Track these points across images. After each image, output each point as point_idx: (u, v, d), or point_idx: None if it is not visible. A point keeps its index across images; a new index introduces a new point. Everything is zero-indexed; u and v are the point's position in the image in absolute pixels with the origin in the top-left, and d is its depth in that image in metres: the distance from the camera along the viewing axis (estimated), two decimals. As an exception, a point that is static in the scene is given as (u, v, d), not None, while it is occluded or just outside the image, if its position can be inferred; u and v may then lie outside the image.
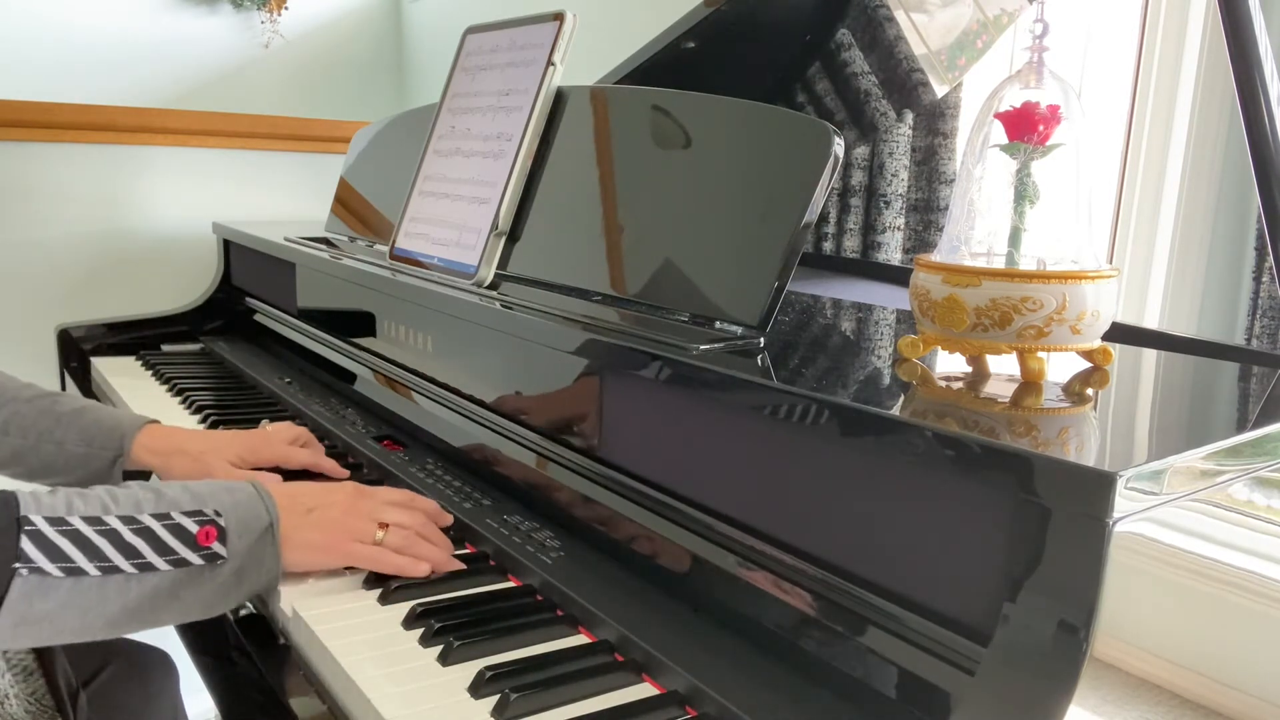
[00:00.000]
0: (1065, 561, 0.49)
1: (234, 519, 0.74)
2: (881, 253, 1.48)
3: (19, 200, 1.77)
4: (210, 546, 0.72)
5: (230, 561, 0.73)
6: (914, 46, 1.39)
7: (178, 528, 0.71)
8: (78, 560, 0.67)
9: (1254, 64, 0.88)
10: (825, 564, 0.63)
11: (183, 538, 0.71)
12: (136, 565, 0.69)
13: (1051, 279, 0.62)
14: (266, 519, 0.76)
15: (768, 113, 0.85)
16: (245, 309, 1.72)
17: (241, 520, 0.74)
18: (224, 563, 0.72)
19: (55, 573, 0.66)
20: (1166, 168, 1.28)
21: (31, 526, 0.67)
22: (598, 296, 0.92)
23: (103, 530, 0.69)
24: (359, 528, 0.79)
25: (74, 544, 0.68)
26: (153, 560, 0.70)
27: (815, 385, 0.65)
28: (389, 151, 1.43)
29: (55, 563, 0.67)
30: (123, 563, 0.69)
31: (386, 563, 0.78)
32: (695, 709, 0.61)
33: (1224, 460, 0.55)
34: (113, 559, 0.68)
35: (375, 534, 0.79)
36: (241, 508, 0.75)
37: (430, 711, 0.61)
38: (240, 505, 0.75)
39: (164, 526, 0.71)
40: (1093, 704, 0.48)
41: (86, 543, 0.68)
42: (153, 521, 0.71)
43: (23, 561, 0.66)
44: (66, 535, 0.68)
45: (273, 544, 0.75)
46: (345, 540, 0.79)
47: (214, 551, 0.72)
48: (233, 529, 0.74)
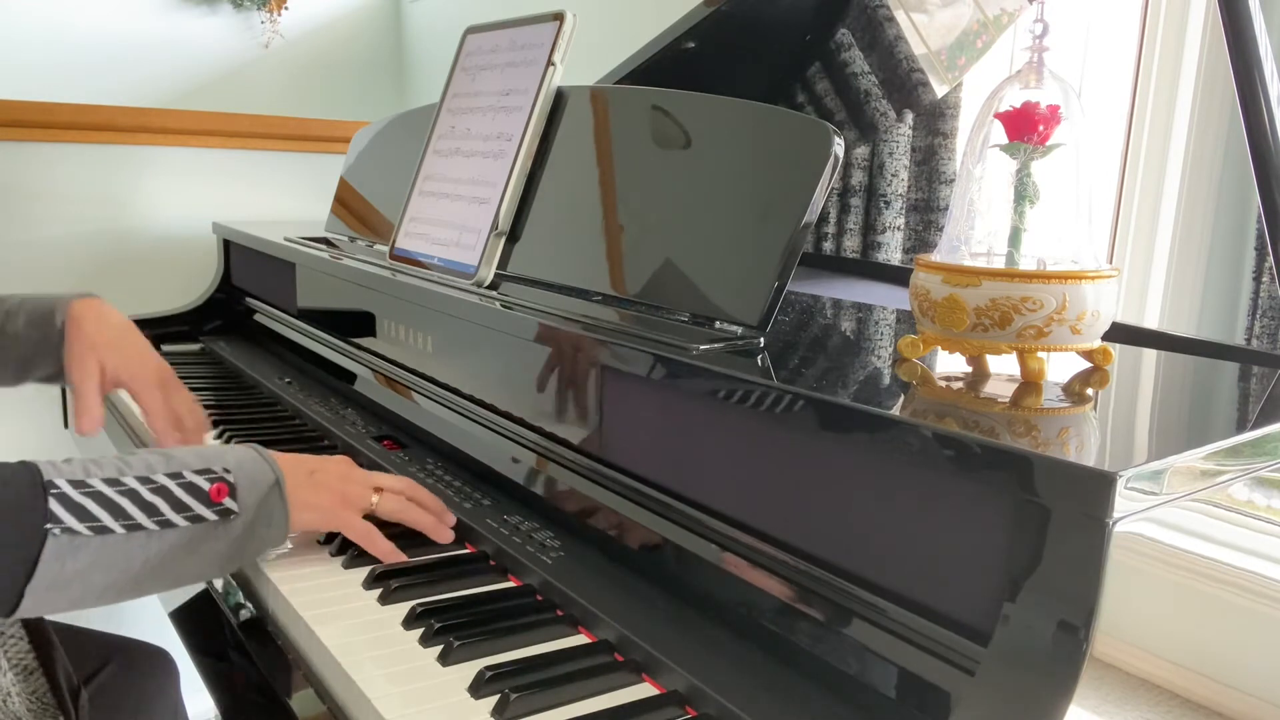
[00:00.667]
0: (1065, 561, 0.49)
1: (243, 475, 0.77)
2: (881, 253, 1.48)
3: (19, 200, 1.77)
4: (223, 502, 0.75)
5: (243, 515, 0.76)
6: (914, 46, 1.39)
7: (191, 485, 0.74)
8: (104, 519, 0.70)
9: (1254, 64, 0.88)
10: (826, 564, 0.63)
11: (197, 495, 0.74)
12: (157, 522, 0.72)
13: (1051, 279, 0.62)
14: (273, 476, 0.79)
15: (768, 113, 0.85)
16: (245, 309, 1.72)
17: (249, 477, 0.77)
18: (236, 517, 0.75)
19: (84, 531, 0.69)
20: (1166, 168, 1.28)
21: (57, 490, 0.69)
22: (598, 296, 0.92)
23: (123, 490, 0.71)
24: (355, 494, 0.83)
25: (98, 504, 0.70)
26: (171, 517, 0.72)
27: (815, 385, 0.65)
28: (389, 151, 1.43)
29: (84, 522, 0.69)
30: (145, 520, 0.71)
31: (374, 544, 0.82)
32: (695, 709, 0.61)
33: (1224, 460, 0.55)
34: (135, 517, 0.71)
35: (371, 499, 0.83)
36: (248, 464, 0.78)
37: (430, 711, 0.61)
38: (246, 462, 0.78)
39: (179, 485, 0.74)
40: (1093, 704, 0.48)
41: (110, 502, 0.71)
42: (168, 480, 0.73)
43: (54, 522, 0.68)
44: (90, 496, 0.70)
45: (280, 500, 0.78)
46: (342, 506, 0.82)
47: (227, 507, 0.75)
48: (243, 485, 0.76)
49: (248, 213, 1.97)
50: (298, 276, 1.47)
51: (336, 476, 0.84)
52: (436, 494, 0.93)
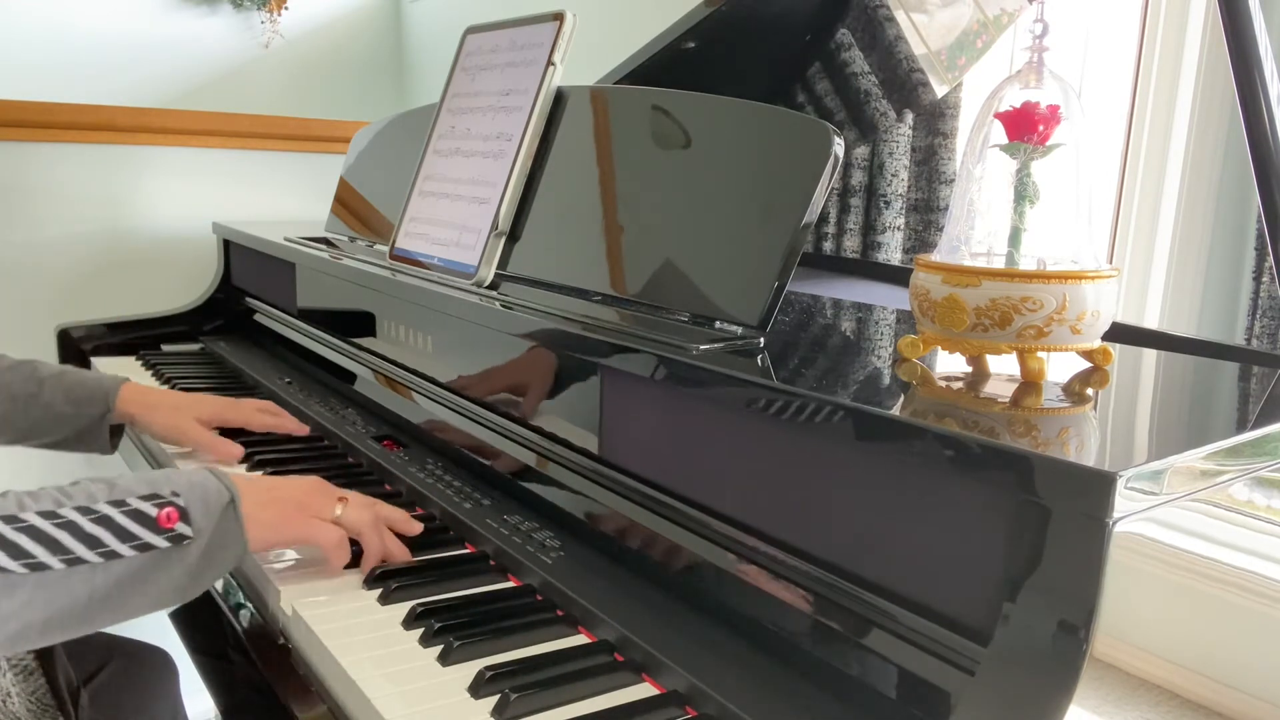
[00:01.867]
0: (1065, 561, 0.49)
1: (194, 498, 0.74)
2: (881, 253, 1.48)
3: (19, 200, 1.77)
4: (174, 528, 0.71)
5: (197, 540, 0.72)
6: (914, 46, 1.39)
7: (137, 513, 0.71)
8: (39, 555, 0.66)
9: (1254, 64, 0.88)
10: (825, 564, 0.63)
11: (144, 522, 0.71)
12: (101, 554, 0.68)
13: (1051, 279, 0.62)
14: (227, 495, 0.76)
15: (768, 113, 0.85)
16: (245, 309, 1.72)
17: (203, 499, 0.74)
18: (190, 542, 0.72)
19: (18, 569, 0.65)
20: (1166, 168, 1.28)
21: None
22: (598, 296, 0.92)
23: (60, 523, 0.68)
24: (319, 504, 0.80)
25: (33, 539, 0.67)
26: (116, 548, 0.69)
27: (815, 385, 0.65)
28: (389, 151, 1.43)
29: (17, 560, 0.66)
30: (86, 553, 0.68)
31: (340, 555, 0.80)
32: (695, 709, 0.61)
33: (1224, 460, 0.55)
34: (74, 550, 0.68)
35: (334, 509, 0.80)
36: (200, 488, 0.75)
37: (430, 711, 0.61)
38: (198, 485, 0.75)
39: (123, 513, 0.70)
40: (1093, 704, 0.48)
41: (45, 537, 0.67)
42: (110, 509, 0.70)
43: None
44: (24, 531, 0.67)
45: (236, 520, 0.75)
46: (301, 515, 0.79)
47: (179, 532, 0.72)
48: (195, 508, 0.73)
49: (248, 213, 1.97)
50: (298, 276, 1.47)
51: (298, 490, 0.81)
52: (436, 494, 0.93)
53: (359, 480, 1.02)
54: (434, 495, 0.92)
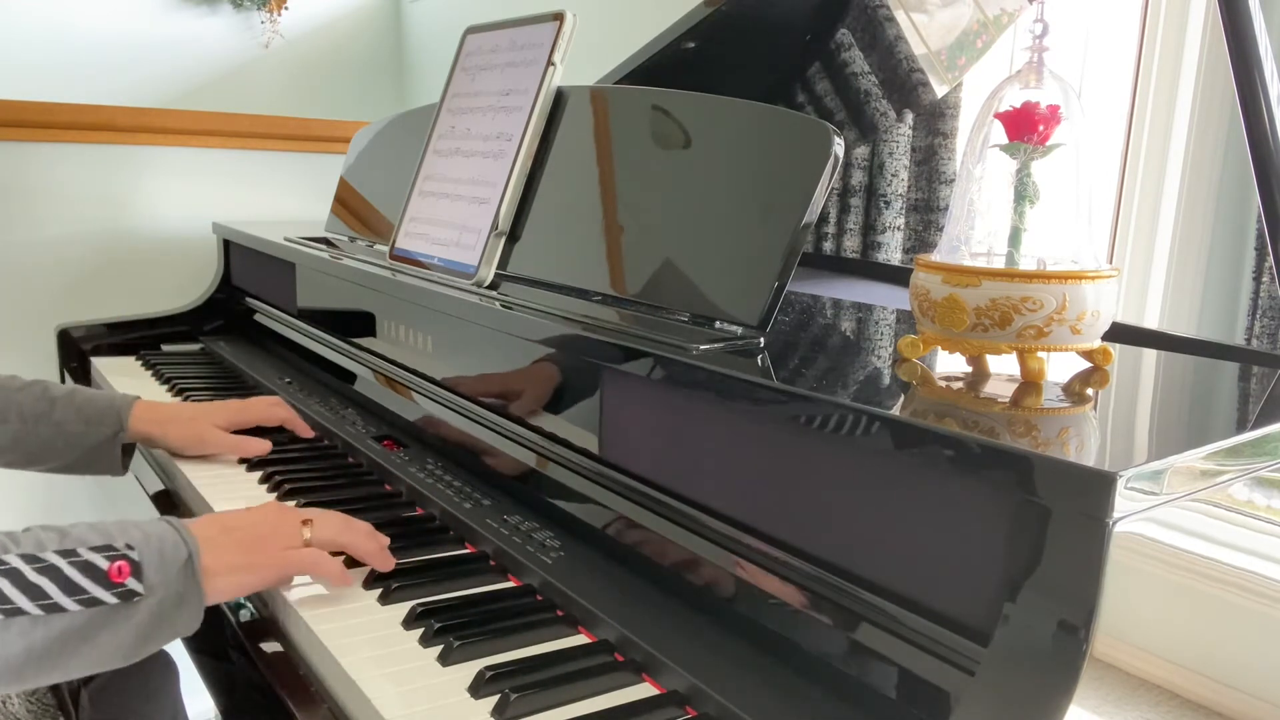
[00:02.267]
0: (1065, 561, 0.49)
1: (150, 551, 0.69)
2: (881, 253, 1.48)
3: (19, 200, 1.77)
4: (124, 583, 0.67)
5: (148, 598, 0.68)
6: (914, 46, 1.39)
7: (87, 565, 0.66)
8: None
9: (1254, 64, 0.88)
10: (825, 564, 0.63)
11: (93, 575, 0.66)
12: (42, 606, 0.64)
13: (1051, 279, 0.62)
14: (185, 551, 0.71)
15: (767, 113, 0.85)
16: (245, 309, 1.72)
17: (159, 553, 0.69)
18: (140, 600, 0.67)
19: None
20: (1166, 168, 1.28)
21: None
22: (598, 296, 0.92)
23: (3, 570, 0.64)
24: (285, 533, 0.77)
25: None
26: (60, 600, 0.64)
27: (815, 385, 0.65)
28: (389, 152, 1.43)
29: None
30: (26, 604, 0.63)
31: (321, 568, 0.77)
32: (695, 709, 0.61)
33: (1224, 460, 0.55)
34: (14, 599, 0.63)
35: (303, 533, 0.77)
36: (156, 540, 0.70)
37: (430, 711, 0.61)
38: (154, 538, 0.70)
39: (71, 564, 0.66)
40: (1093, 704, 0.48)
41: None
42: (58, 559, 0.66)
43: None
44: None
45: (193, 579, 0.70)
46: (270, 551, 0.75)
47: (129, 588, 0.67)
48: (149, 562, 0.68)
49: (248, 213, 1.97)
50: (298, 276, 1.47)
51: (261, 525, 0.77)
52: (436, 494, 0.93)
53: (359, 480, 1.02)
54: (434, 495, 0.92)
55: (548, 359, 0.89)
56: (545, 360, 0.90)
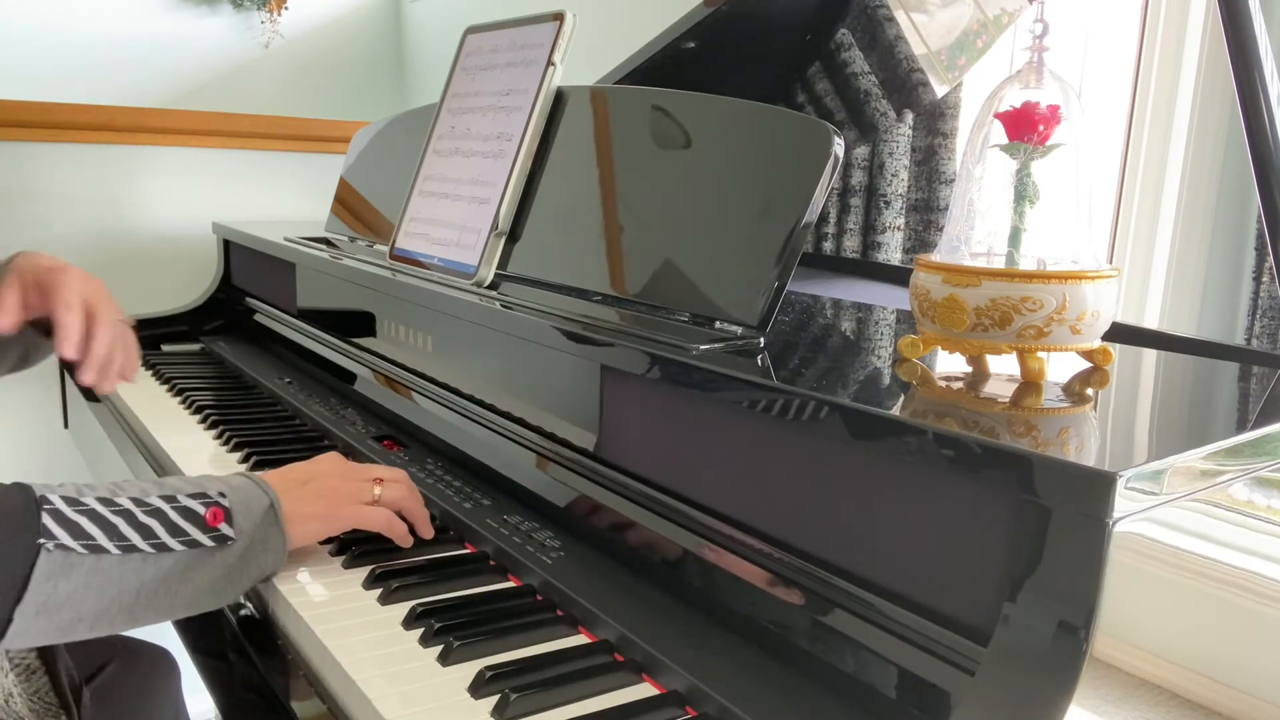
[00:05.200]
0: (1065, 561, 0.49)
1: (237, 501, 0.75)
2: (881, 253, 1.48)
3: (19, 200, 1.77)
4: (219, 528, 0.73)
5: (239, 541, 0.74)
6: (914, 46, 1.39)
7: (186, 510, 0.72)
8: (98, 538, 0.68)
9: (1254, 64, 0.88)
10: (825, 564, 0.63)
11: (192, 519, 0.72)
12: (153, 545, 0.70)
13: (1051, 279, 0.62)
14: (267, 500, 0.77)
15: (767, 113, 0.85)
16: (245, 309, 1.72)
17: (244, 502, 0.75)
18: (232, 543, 0.73)
19: (78, 549, 0.67)
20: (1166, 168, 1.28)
21: (50, 505, 0.67)
22: (598, 296, 0.92)
23: (117, 510, 0.70)
24: (357, 488, 0.82)
25: (93, 522, 0.68)
26: (167, 540, 0.70)
27: (815, 385, 0.65)
28: (389, 151, 1.43)
29: (78, 540, 0.67)
30: (140, 541, 0.69)
31: (396, 530, 0.82)
32: (695, 709, 0.61)
33: (1224, 460, 0.55)
34: (130, 538, 0.69)
35: (374, 490, 0.82)
36: (240, 491, 0.76)
37: (430, 711, 0.61)
38: (238, 489, 0.76)
39: (174, 509, 0.72)
40: (1093, 704, 0.48)
41: (104, 521, 0.69)
42: (162, 503, 0.72)
43: (46, 537, 0.66)
44: (84, 514, 0.68)
45: (276, 524, 0.77)
46: (347, 504, 0.81)
47: (222, 533, 0.73)
48: (237, 510, 0.74)
49: (248, 213, 1.97)
50: (298, 276, 1.47)
51: (332, 477, 0.82)
52: (436, 494, 0.93)
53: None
54: (434, 495, 0.92)
55: (547, 359, 0.90)
56: (545, 360, 0.90)
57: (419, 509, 0.85)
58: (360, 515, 0.81)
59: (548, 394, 0.90)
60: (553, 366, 0.89)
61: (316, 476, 0.82)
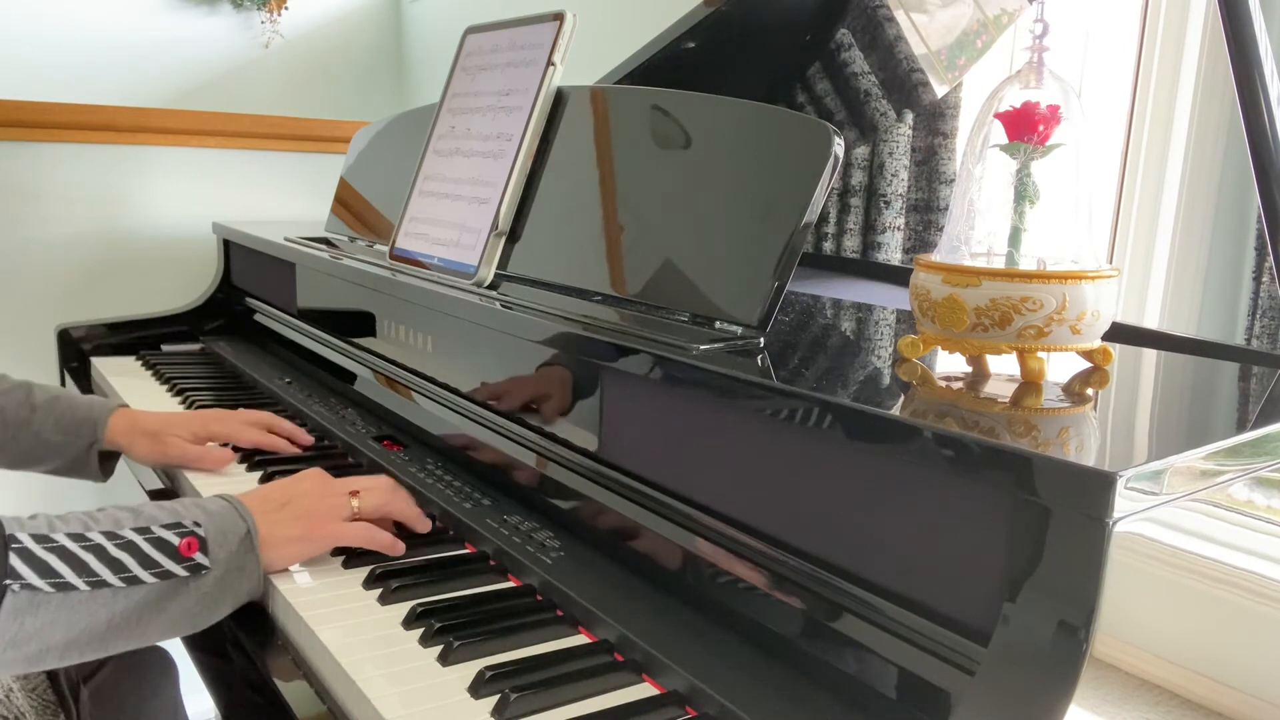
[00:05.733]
0: (1065, 561, 0.49)
1: (212, 529, 0.75)
2: (881, 253, 1.48)
3: (19, 200, 1.77)
4: (193, 557, 0.73)
5: (213, 570, 0.74)
6: (914, 46, 1.39)
7: (160, 541, 0.72)
8: (66, 576, 0.68)
9: (1254, 64, 0.88)
10: (825, 564, 0.63)
11: (165, 550, 0.72)
12: (123, 579, 0.70)
13: (1051, 279, 0.62)
14: (244, 526, 0.77)
15: (767, 113, 0.85)
16: (245, 309, 1.72)
17: (220, 530, 0.76)
18: (207, 572, 0.74)
19: (45, 588, 0.67)
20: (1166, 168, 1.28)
21: (19, 544, 0.67)
22: (598, 297, 0.92)
23: (88, 546, 0.70)
24: (334, 505, 0.83)
25: (61, 560, 0.68)
26: (138, 573, 0.71)
27: (815, 385, 0.65)
28: (389, 152, 1.43)
29: (45, 579, 0.67)
30: (110, 577, 0.69)
31: (377, 541, 0.82)
32: (695, 709, 0.61)
33: (1224, 460, 0.55)
34: (100, 573, 0.69)
35: (351, 504, 0.83)
36: (218, 518, 0.76)
37: (430, 711, 0.61)
38: (216, 516, 0.76)
39: (146, 540, 0.72)
40: (1093, 704, 0.48)
41: (73, 558, 0.69)
42: (135, 535, 0.72)
43: (13, 578, 0.66)
44: (54, 551, 0.68)
45: (252, 550, 0.77)
46: (325, 524, 0.81)
47: (197, 562, 0.73)
48: (213, 538, 0.75)
49: (248, 213, 1.97)
50: (298, 276, 1.47)
51: (313, 495, 0.83)
52: (436, 494, 0.93)
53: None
54: (434, 495, 0.92)
55: (548, 359, 0.90)
56: (545, 360, 0.90)
57: (407, 508, 0.86)
58: (337, 534, 0.81)
59: (548, 394, 0.90)
60: (553, 366, 0.89)
61: (295, 497, 0.82)
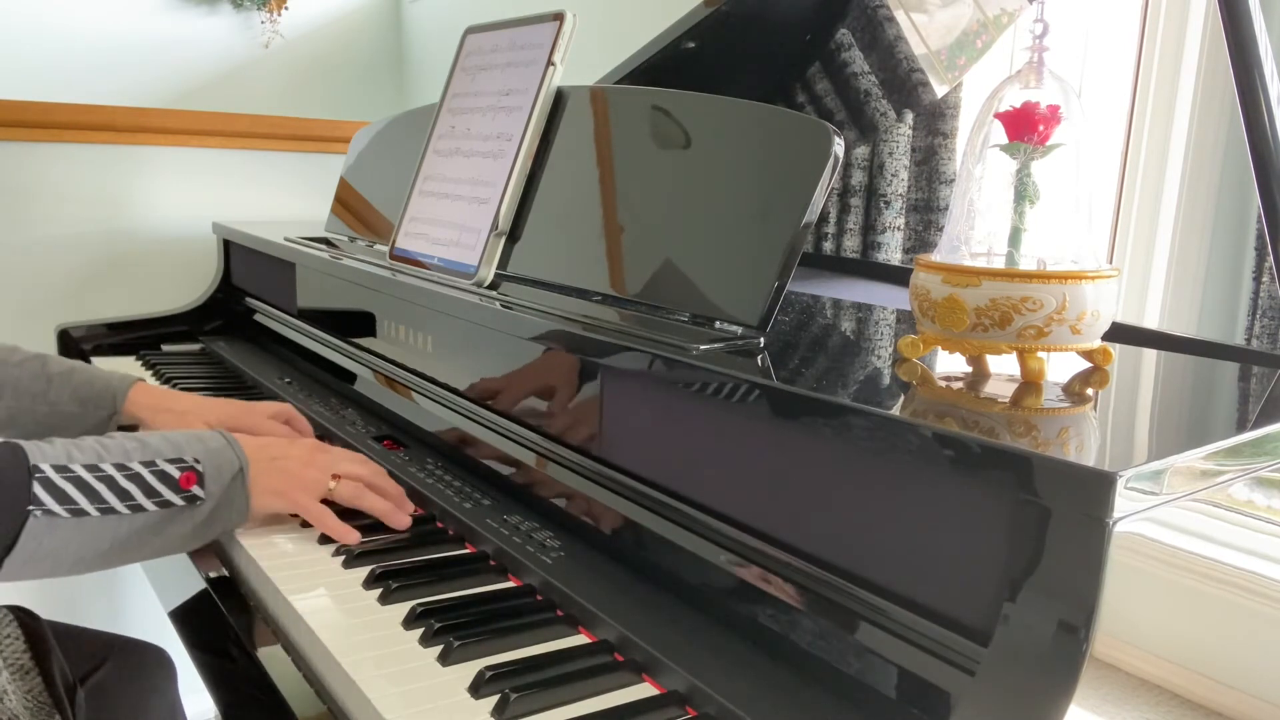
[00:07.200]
0: (1065, 561, 0.49)
1: (210, 465, 0.82)
2: (881, 253, 1.48)
3: (19, 200, 1.77)
4: (190, 490, 0.81)
5: (207, 502, 0.82)
6: (914, 46, 1.39)
7: (163, 474, 0.80)
8: (81, 503, 0.76)
9: (1254, 64, 0.88)
10: (825, 564, 0.63)
11: (167, 482, 0.80)
12: (129, 507, 0.78)
13: (1051, 279, 0.62)
14: (237, 464, 0.84)
15: (768, 113, 0.85)
16: (245, 309, 1.72)
17: (216, 466, 0.83)
18: (202, 503, 0.81)
19: (63, 514, 0.75)
20: (1166, 168, 1.28)
21: (41, 474, 0.75)
22: (598, 296, 0.92)
23: (100, 476, 0.77)
24: (313, 479, 0.87)
25: (78, 489, 0.76)
26: (142, 502, 0.78)
27: (815, 385, 0.65)
28: (389, 151, 1.43)
29: (63, 505, 0.75)
30: (118, 504, 0.77)
31: (327, 525, 0.85)
32: (695, 709, 0.61)
33: (1224, 460, 0.55)
34: (109, 501, 0.77)
35: (328, 484, 0.87)
36: (215, 455, 0.84)
37: (430, 711, 0.61)
38: (214, 453, 0.84)
39: (151, 472, 0.80)
40: (1093, 704, 0.48)
41: (88, 487, 0.77)
42: (141, 468, 0.80)
43: (36, 504, 0.74)
44: (71, 481, 0.76)
45: (243, 487, 0.84)
46: (299, 491, 0.86)
47: (194, 494, 0.81)
48: (209, 474, 0.82)
49: (248, 213, 1.97)
50: (298, 276, 1.47)
51: (299, 462, 0.88)
52: (436, 494, 0.93)
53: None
54: (434, 495, 0.92)
55: (548, 359, 0.89)
56: (545, 360, 0.90)
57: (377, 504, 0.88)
58: (304, 506, 0.86)
59: (548, 394, 0.90)
60: (552, 366, 0.89)
61: (285, 457, 0.88)
